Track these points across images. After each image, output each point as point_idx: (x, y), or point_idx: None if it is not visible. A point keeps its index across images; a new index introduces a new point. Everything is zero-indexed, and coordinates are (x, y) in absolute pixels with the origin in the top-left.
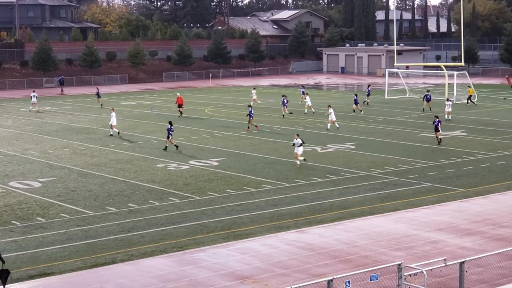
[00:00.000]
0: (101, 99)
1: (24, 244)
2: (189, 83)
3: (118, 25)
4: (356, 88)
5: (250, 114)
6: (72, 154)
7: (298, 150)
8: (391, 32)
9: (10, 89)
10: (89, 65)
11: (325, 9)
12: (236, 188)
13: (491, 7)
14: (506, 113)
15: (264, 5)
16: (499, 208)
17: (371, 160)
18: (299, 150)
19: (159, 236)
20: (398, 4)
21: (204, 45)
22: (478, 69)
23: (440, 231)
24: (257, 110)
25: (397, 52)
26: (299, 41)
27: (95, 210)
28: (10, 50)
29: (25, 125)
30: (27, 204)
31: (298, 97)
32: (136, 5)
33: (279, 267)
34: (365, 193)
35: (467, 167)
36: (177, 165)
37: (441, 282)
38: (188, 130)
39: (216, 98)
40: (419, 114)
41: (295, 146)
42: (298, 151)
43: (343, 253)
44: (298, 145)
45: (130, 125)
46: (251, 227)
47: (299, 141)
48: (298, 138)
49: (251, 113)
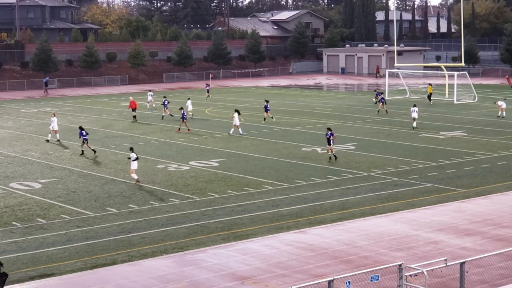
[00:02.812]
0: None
1: (25, 245)
2: (189, 84)
3: (118, 26)
4: (356, 88)
5: (183, 117)
6: (72, 155)
7: (132, 165)
8: (391, 33)
9: (10, 90)
10: (89, 66)
11: (325, 10)
12: (236, 189)
13: (489, 7)
14: (506, 113)
15: (264, 6)
16: (500, 209)
17: (372, 161)
18: (133, 165)
19: (159, 237)
20: (398, 4)
21: (204, 46)
22: (479, 70)
23: (440, 231)
24: (256, 110)
25: (397, 52)
26: (299, 41)
27: (96, 211)
28: (10, 51)
29: (26, 126)
30: (28, 205)
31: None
32: (136, 6)
33: (279, 268)
34: (366, 194)
35: (468, 167)
36: (178, 166)
37: (442, 283)
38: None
39: (217, 99)
40: (419, 114)
41: (130, 161)
42: (133, 166)
43: (343, 254)
44: (133, 159)
45: (130, 126)
46: (252, 227)
47: (134, 155)
48: (133, 152)
49: (184, 116)
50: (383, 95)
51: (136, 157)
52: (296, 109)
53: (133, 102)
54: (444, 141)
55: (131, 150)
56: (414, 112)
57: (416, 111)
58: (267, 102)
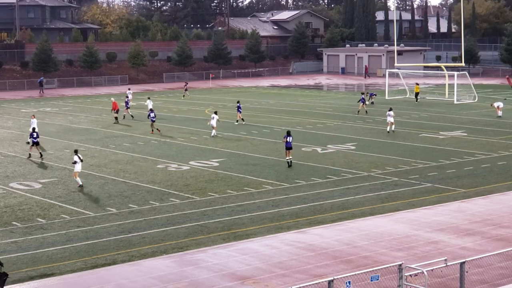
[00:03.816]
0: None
1: (25, 245)
2: (190, 83)
3: (118, 26)
4: (356, 88)
5: (152, 118)
6: (72, 155)
7: (76, 168)
8: (391, 33)
9: (10, 90)
10: (89, 66)
11: (325, 10)
12: (236, 189)
13: (489, 7)
14: (506, 113)
15: (264, 6)
16: (500, 209)
17: (372, 161)
18: (77, 168)
19: (159, 237)
20: (398, 4)
21: (204, 45)
22: (479, 70)
23: (440, 231)
24: (256, 110)
25: (397, 52)
26: (299, 41)
27: (96, 211)
28: (10, 51)
29: (26, 126)
30: (28, 205)
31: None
32: (136, 5)
33: (279, 268)
34: (366, 194)
35: (468, 167)
36: (178, 165)
37: (442, 283)
38: (188, 130)
39: (216, 98)
40: (419, 114)
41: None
42: (76, 169)
43: (343, 254)
44: (76, 162)
45: (130, 126)
46: (252, 227)
47: (77, 158)
48: (76, 155)
49: (152, 117)
50: (364, 95)
51: (78, 160)
52: (296, 109)
53: (114, 103)
54: (444, 141)
55: (75, 153)
56: (390, 116)
57: (392, 115)
58: (238, 103)
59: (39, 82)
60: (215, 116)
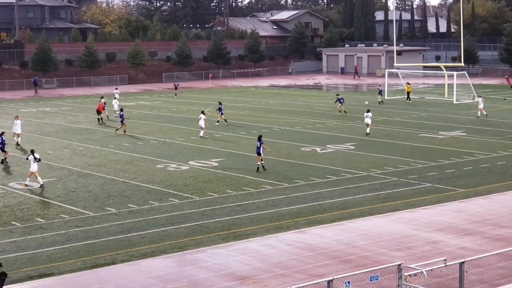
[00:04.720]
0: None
1: (24, 245)
2: (189, 83)
3: (118, 25)
4: (355, 88)
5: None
6: (71, 154)
7: (32, 167)
8: (390, 33)
9: (9, 90)
10: (88, 65)
11: (324, 10)
12: (235, 189)
13: (490, 7)
14: (506, 113)
15: (263, 6)
16: (499, 208)
17: (371, 161)
18: (33, 167)
19: (159, 237)
20: (397, 4)
21: (203, 45)
22: (478, 70)
23: (440, 231)
24: (256, 110)
25: (396, 52)
26: (299, 41)
27: (95, 210)
28: (9, 50)
29: (25, 126)
30: (27, 204)
31: (297, 97)
32: (135, 5)
33: (279, 268)
34: (365, 194)
35: (467, 167)
36: (177, 165)
37: (441, 283)
38: (188, 130)
39: (216, 98)
40: (418, 114)
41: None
42: (32, 168)
43: (343, 254)
44: (32, 161)
45: (129, 126)
46: (251, 227)
47: (32, 158)
48: (32, 155)
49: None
50: (339, 96)
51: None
52: (296, 109)
53: (101, 104)
54: (443, 141)
55: (32, 153)
56: (368, 118)
57: (370, 117)
58: (220, 104)
59: (33, 81)
60: (203, 116)
